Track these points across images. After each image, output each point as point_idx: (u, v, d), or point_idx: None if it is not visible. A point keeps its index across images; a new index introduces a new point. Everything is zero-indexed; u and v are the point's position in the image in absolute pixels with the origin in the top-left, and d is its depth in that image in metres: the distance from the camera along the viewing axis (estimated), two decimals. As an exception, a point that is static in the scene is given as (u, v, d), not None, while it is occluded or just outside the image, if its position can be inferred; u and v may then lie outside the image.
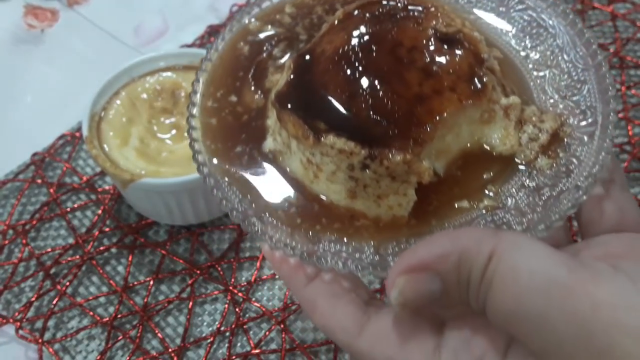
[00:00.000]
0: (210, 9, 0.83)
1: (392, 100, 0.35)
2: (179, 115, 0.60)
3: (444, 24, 0.38)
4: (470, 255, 0.29)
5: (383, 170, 0.35)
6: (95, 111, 0.59)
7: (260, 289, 0.58)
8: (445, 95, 0.35)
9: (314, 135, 0.35)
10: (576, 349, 0.27)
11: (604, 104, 0.37)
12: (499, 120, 0.38)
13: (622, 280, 0.27)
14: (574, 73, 0.40)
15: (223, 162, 0.38)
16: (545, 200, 0.35)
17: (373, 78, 0.36)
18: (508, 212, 0.36)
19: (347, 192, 0.36)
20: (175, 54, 0.63)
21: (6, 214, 0.64)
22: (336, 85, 0.36)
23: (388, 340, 0.32)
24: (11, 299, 0.58)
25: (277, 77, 0.41)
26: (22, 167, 0.67)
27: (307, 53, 0.38)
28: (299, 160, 0.37)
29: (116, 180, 0.57)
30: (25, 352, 0.56)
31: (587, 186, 0.34)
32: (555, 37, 0.41)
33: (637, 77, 0.72)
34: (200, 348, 0.55)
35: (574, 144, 0.37)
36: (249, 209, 0.36)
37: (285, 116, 0.36)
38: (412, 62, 0.36)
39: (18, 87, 0.75)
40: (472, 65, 0.37)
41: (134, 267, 0.60)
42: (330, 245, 0.35)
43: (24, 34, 0.81)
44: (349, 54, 0.37)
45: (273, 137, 0.39)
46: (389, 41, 0.37)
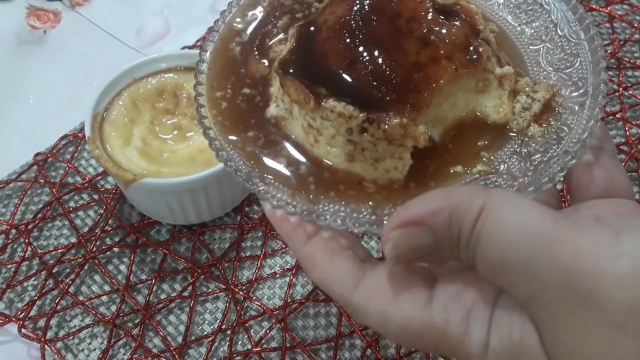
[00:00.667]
0: (212, 10, 0.83)
1: (391, 68, 0.37)
2: (181, 115, 0.61)
3: None
4: (461, 210, 0.30)
5: (380, 134, 0.36)
6: (98, 112, 0.60)
7: (261, 288, 0.59)
8: (441, 63, 0.37)
9: (315, 99, 0.37)
10: (560, 296, 0.28)
11: (595, 75, 0.38)
12: (493, 90, 0.39)
13: (604, 230, 0.28)
14: (567, 47, 0.41)
15: (229, 128, 0.40)
16: (535, 165, 0.37)
17: (372, 46, 0.37)
18: (500, 177, 0.37)
19: (346, 155, 0.38)
20: (176, 55, 0.64)
21: (9, 213, 0.64)
22: (337, 52, 0.38)
23: (382, 294, 0.33)
24: (14, 298, 0.59)
25: (281, 47, 0.42)
26: (25, 167, 0.67)
27: (310, 22, 0.40)
28: (300, 124, 0.39)
29: (118, 180, 0.57)
30: (27, 351, 0.57)
31: (576, 151, 0.35)
32: (550, 13, 0.43)
33: (634, 78, 0.72)
34: (202, 346, 0.56)
35: (565, 113, 0.38)
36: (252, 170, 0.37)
37: (288, 82, 0.38)
38: (411, 31, 0.38)
39: (21, 88, 0.76)
40: (468, 35, 0.38)
41: (135, 266, 0.60)
42: (329, 205, 0.36)
43: (27, 35, 0.81)
44: (350, 23, 0.38)
45: (276, 103, 0.40)
46: (389, 12, 0.39)
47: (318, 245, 0.36)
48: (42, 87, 0.76)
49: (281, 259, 0.61)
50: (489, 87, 0.39)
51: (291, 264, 0.60)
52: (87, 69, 0.77)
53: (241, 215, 0.63)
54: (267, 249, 0.61)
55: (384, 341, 0.55)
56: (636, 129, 0.68)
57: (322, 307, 0.57)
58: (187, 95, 0.62)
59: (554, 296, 0.28)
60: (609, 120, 0.69)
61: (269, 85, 0.41)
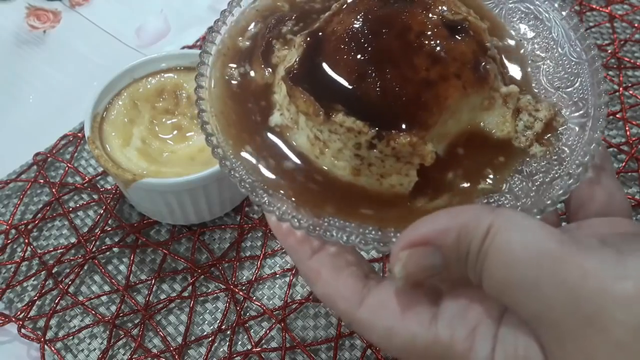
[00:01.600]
0: (211, 10, 0.83)
1: (401, 84, 0.36)
2: (181, 115, 0.61)
3: (451, 11, 0.39)
4: (469, 229, 0.30)
5: (389, 151, 0.36)
6: (98, 112, 0.60)
7: (261, 288, 0.59)
8: (450, 81, 0.37)
9: (324, 113, 0.36)
10: (565, 316, 0.28)
11: (595, 97, 0.39)
12: (498, 108, 0.39)
13: (609, 252, 0.29)
14: (568, 66, 0.41)
15: (231, 135, 0.39)
16: (537, 185, 0.37)
17: (382, 60, 0.37)
18: (503, 196, 0.37)
19: (352, 169, 0.38)
20: (176, 55, 0.64)
21: (9, 213, 0.64)
22: (346, 65, 0.37)
23: (387, 311, 0.34)
24: (14, 298, 0.59)
25: (285, 52, 0.41)
26: (25, 167, 0.67)
27: (318, 32, 0.39)
28: (306, 136, 0.38)
29: (118, 180, 0.57)
30: (27, 351, 0.57)
31: (578, 174, 0.36)
32: (550, 30, 0.43)
33: (635, 77, 0.72)
34: (202, 346, 0.56)
35: (566, 134, 0.39)
36: (256, 181, 0.37)
37: (297, 93, 0.37)
38: (420, 47, 0.38)
39: (20, 88, 0.76)
40: (477, 53, 0.38)
41: (135, 266, 0.60)
42: (334, 219, 0.36)
43: (27, 35, 0.81)
44: (359, 36, 0.38)
45: (280, 112, 0.40)
46: (398, 25, 0.38)
47: (323, 260, 0.36)
48: (41, 87, 0.76)
49: (281, 259, 0.61)
50: (493, 105, 0.39)
51: (291, 264, 0.60)
52: (86, 69, 0.77)
53: (241, 215, 0.63)
54: (267, 249, 0.61)
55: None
56: (636, 129, 0.68)
57: (322, 307, 0.57)
58: (187, 95, 0.62)
59: (559, 316, 0.28)
60: (609, 120, 0.69)
61: (272, 92, 0.41)
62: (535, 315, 0.29)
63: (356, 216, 0.37)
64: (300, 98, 0.37)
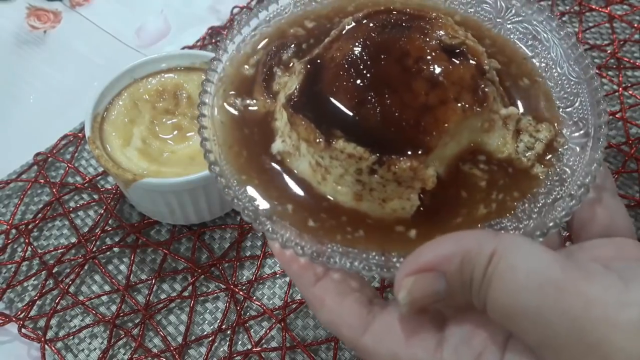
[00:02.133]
0: (212, 10, 0.83)
1: (400, 109, 0.37)
2: (181, 115, 0.61)
3: (449, 35, 0.40)
4: (473, 255, 0.31)
5: (390, 176, 0.36)
6: (98, 112, 0.60)
7: (261, 288, 0.59)
8: (450, 105, 0.37)
9: (325, 139, 0.36)
10: (569, 344, 0.28)
11: (595, 117, 0.39)
12: (498, 129, 0.39)
13: (613, 279, 0.29)
14: (567, 85, 0.41)
15: (233, 162, 0.39)
16: (540, 207, 0.37)
17: (381, 86, 0.37)
18: (505, 218, 0.37)
19: (354, 194, 0.38)
20: (176, 55, 0.64)
21: (9, 213, 0.64)
22: (346, 91, 0.37)
23: (393, 337, 0.34)
24: (14, 298, 0.59)
25: (285, 79, 0.42)
26: (25, 167, 0.67)
27: (317, 58, 0.40)
28: (308, 162, 0.38)
29: (118, 180, 0.57)
30: (28, 351, 0.57)
31: (581, 195, 0.36)
32: (549, 50, 0.43)
33: (634, 78, 0.72)
34: (202, 346, 0.56)
35: (567, 154, 0.39)
36: (259, 209, 0.37)
37: (297, 120, 0.37)
38: (419, 71, 0.38)
39: (21, 88, 0.76)
40: (475, 76, 0.38)
41: (136, 266, 0.60)
42: (338, 245, 0.36)
43: (27, 35, 0.81)
44: (358, 62, 0.38)
45: (282, 139, 0.40)
46: (397, 50, 0.39)
47: (327, 287, 0.36)
48: (42, 87, 0.76)
49: (281, 259, 0.61)
50: (493, 127, 0.39)
51: (291, 264, 0.60)
52: (87, 69, 0.77)
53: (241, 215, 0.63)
54: (267, 249, 0.61)
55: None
56: (636, 129, 0.68)
57: (322, 307, 0.57)
58: (187, 95, 0.62)
59: (563, 343, 0.28)
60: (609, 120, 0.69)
61: (274, 120, 0.41)
62: (540, 342, 0.29)
63: (359, 242, 0.36)
64: (301, 125, 0.37)
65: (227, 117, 0.41)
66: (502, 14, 0.44)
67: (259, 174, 0.39)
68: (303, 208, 0.38)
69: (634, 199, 0.62)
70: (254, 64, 0.43)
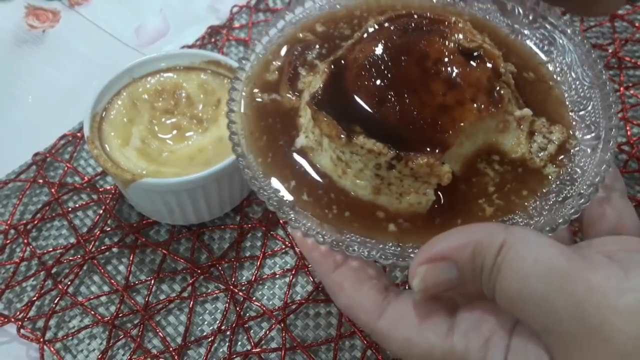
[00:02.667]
0: (211, 9, 0.83)
1: (419, 108, 0.39)
2: (180, 115, 0.60)
3: (467, 39, 0.42)
4: (484, 246, 0.33)
5: (408, 171, 0.38)
6: (97, 111, 0.59)
7: (261, 288, 0.59)
8: (466, 106, 0.39)
9: (346, 135, 0.38)
10: (572, 328, 0.30)
11: (606, 120, 0.41)
12: (512, 130, 0.41)
13: (615, 268, 0.31)
14: (581, 90, 0.43)
15: (259, 155, 0.41)
16: (550, 205, 0.39)
17: (401, 86, 0.40)
18: (517, 215, 0.39)
19: (372, 188, 0.40)
20: (176, 54, 0.64)
21: (8, 213, 0.64)
22: (367, 90, 0.40)
23: (406, 322, 0.36)
24: (13, 299, 0.59)
25: (310, 78, 0.44)
26: (24, 167, 0.67)
27: (340, 59, 0.42)
28: (329, 157, 0.41)
29: (117, 180, 0.57)
30: (26, 351, 0.56)
31: (590, 194, 0.38)
32: (564, 56, 0.45)
33: (636, 77, 0.72)
34: (201, 347, 0.56)
35: (578, 155, 0.41)
36: (283, 199, 0.39)
37: (320, 117, 0.39)
38: (437, 73, 0.40)
39: (19, 88, 0.76)
40: (491, 78, 0.40)
41: (135, 266, 0.60)
42: (356, 236, 0.38)
43: (26, 34, 0.81)
44: (379, 63, 0.41)
45: (306, 134, 0.42)
46: (417, 52, 0.41)
47: (346, 273, 0.38)
48: (41, 86, 0.76)
49: (281, 260, 0.60)
50: (508, 128, 0.41)
51: (291, 265, 0.60)
52: (86, 69, 0.77)
53: (241, 215, 0.63)
54: (266, 249, 0.61)
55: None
56: (637, 129, 0.67)
57: (322, 308, 0.57)
58: (186, 94, 0.62)
59: (566, 328, 0.30)
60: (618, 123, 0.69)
61: (298, 116, 0.43)
62: (545, 326, 0.31)
63: (377, 233, 0.39)
64: (323, 122, 0.39)
65: (254, 112, 0.43)
66: (520, 20, 0.47)
67: (283, 167, 0.41)
68: (324, 199, 0.40)
69: (635, 199, 0.62)
70: (280, 63, 0.46)
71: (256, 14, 0.81)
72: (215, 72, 0.63)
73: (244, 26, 0.80)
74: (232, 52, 0.77)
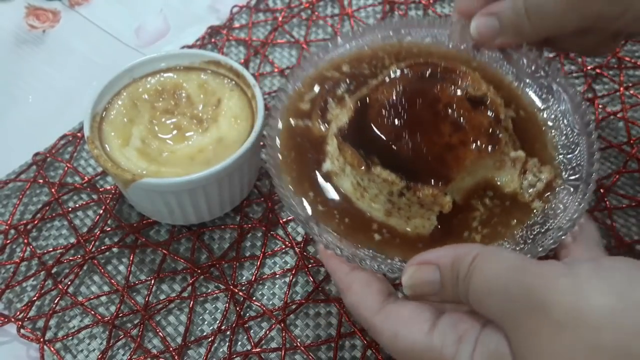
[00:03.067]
0: (211, 9, 0.83)
1: (428, 145, 0.45)
2: (180, 115, 0.60)
3: (474, 87, 0.48)
4: (461, 257, 0.39)
5: (415, 199, 0.45)
6: (97, 111, 0.59)
7: (261, 289, 0.59)
8: (469, 146, 0.45)
9: (366, 165, 0.45)
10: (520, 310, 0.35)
11: (589, 165, 0.46)
12: (507, 168, 0.47)
13: (561, 264, 0.36)
14: (571, 136, 0.49)
15: (291, 177, 0.48)
16: (534, 235, 0.45)
17: (415, 125, 0.46)
18: (505, 241, 0.45)
19: (385, 211, 0.46)
20: (176, 54, 0.64)
21: (8, 213, 0.64)
22: (386, 127, 0.46)
23: (396, 319, 0.41)
24: (13, 299, 0.59)
25: (337, 111, 0.50)
26: (24, 167, 0.67)
27: (365, 98, 0.48)
28: (350, 181, 0.47)
29: (117, 180, 0.57)
30: (26, 351, 0.56)
31: (567, 228, 0.43)
32: (559, 104, 0.51)
33: (635, 77, 0.72)
34: (201, 347, 0.56)
35: (562, 193, 0.46)
36: (309, 215, 0.46)
37: (345, 147, 0.46)
38: (446, 116, 0.46)
39: (19, 88, 0.76)
40: (492, 123, 0.46)
41: (135, 266, 0.60)
42: (369, 251, 0.45)
43: (26, 34, 0.81)
44: (397, 104, 0.47)
45: (331, 160, 0.48)
46: (430, 97, 0.47)
47: (356, 276, 0.44)
48: (41, 86, 0.76)
49: (281, 260, 0.60)
50: (504, 166, 0.47)
51: (291, 265, 0.60)
52: (86, 69, 0.77)
53: (241, 215, 0.63)
54: (267, 249, 0.61)
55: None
56: (637, 129, 0.68)
57: (322, 308, 0.57)
58: (187, 95, 0.62)
59: (518, 310, 0.35)
60: (609, 120, 0.69)
61: (326, 144, 0.49)
62: (503, 314, 0.36)
63: (386, 250, 0.45)
64: (348, 152, 0.46)
65: (288, 136, 0.50)
66: (524, 69, 0.52)
67: (311, 187, 0.48)
68: (344, 218, 0.46)
69: (634, 199, 0.62)
70: (313, 96, 0.52)
71: (256, 14, 0.81)
72: (216, 72, 0.63)
73: (244, 26, 0.80)
74: (232, 53, 0.77)
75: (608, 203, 0.62)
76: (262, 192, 0.65)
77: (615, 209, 0.62)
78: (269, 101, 0.72)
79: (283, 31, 0.79)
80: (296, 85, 0.52)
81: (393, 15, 0.80)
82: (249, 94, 0.61)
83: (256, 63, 0.76)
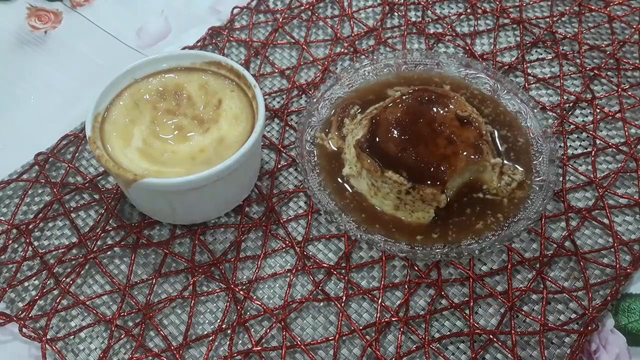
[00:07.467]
0: (212, 10, 0.83)
1: (428, 155, 0.58)
2: (182, 116, 0.61)
3: (462, 109, 0.61)
4: None
5: (418, 196, 0.57)
6: (99, 112, 0.60)
7: (261, 288, 0.59)
8: (459, 155, 0.58)
9: (381, 170, 0.58)
10: None
11: (551, 168, 0.61)
12: (488, 172, 0.60)
13: None
14: (536, 146, 0.63)
15: (315, 177, 0.61)
16: (509, 222, 0.58)
17: (416, 139, 0.59)
18: (491, 226, 0.58)
19: (394, 206, 0.59)
20: (177, 55, 0.64)
21: (10, 213, 0.64)
22: (394, 140, 0.59)
23: None
24: (15, 298, 0.59)
25: (352, 127, 0.64)
26: (26, 167, 0.68)
27: (376, 117, 0.61)
28: (366, 182, 0.60)
29: (119, 180, 0.58)
30: (28, 350, 0.57)
31: (534, 218, 0.57)
32: (526, 120, 0.64)
33: (634, 78, 0.72)
34: (202, 346, 0.56)
35: (530, 190, 0.60)
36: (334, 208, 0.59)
37: (363, 156, 0.59)
38: (441, 132, 0.59)
39: (22, 88, 0.76)
40: (476, 137, 0.59)
41: (136, 265, 0.61)
42: (382, 236, 0.58)
43: (28, 35, 0.81)
44: (402, 122, 0.60)
45: (349, 166, 0.62)
46: (428, 117, 0.60)
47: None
48: (43, 87, 0.76)
49: (281, 259, 0.61)
50: (486, 170, 0.60)
51: (291, 264, 0.60)
52: (88, 69, 0.77)
53: (241, 215, 0.63)
54: (267, 248, 0.61)
55: (384, 340, 0.55)
56: (635, 129, 0.68)
57: (323, 307, 0.58)
58: (188, 95, 0.62)
59: None
60: (608, 120, 0.69)
61: (344, 153, 0.63)
62: None
63: (395, 235, 0.58)
64: (366, 160, 0.59)
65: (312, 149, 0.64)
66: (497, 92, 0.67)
67: (333, 187, 0.61)
68: (360, 211, 0.60)
69: (633, 199, 0.63)
70: (332, 114, 0.66)
71: (257, 16, 0.81)
72: (216, 72, 0.63)
73: (245, 27, 0.80)
74: (232, 53, 0.78)
75: (606, 202, 0.62)
76: (262, 192, 0.65)
77: (613, 208, 0.62)
78: (270, 101, 0.72)
79: (283, 32, 0.79)
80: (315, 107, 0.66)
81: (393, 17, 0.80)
82: (250, 94, 0.62)
83: (257, 64, 0.76)
